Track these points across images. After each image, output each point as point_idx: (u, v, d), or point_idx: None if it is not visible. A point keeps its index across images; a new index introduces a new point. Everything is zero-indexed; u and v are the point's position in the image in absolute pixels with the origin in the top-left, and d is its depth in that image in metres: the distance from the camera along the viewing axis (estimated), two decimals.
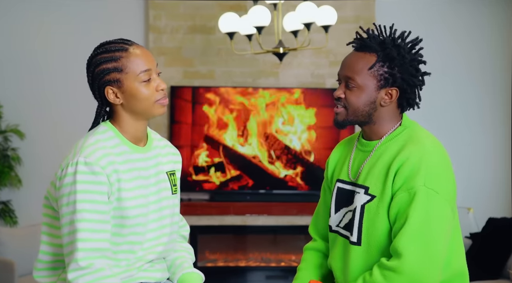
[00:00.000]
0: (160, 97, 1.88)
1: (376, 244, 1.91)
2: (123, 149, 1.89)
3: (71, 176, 1.79)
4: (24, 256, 4.64)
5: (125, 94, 1.87)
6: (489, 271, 4.46)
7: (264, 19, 3.96)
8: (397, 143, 1.94)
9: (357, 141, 2.07)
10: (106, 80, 1.86)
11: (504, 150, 5.59)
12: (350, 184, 2.01)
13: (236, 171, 5.25)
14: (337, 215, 2.04)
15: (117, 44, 1.87)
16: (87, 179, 1.79)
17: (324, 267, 2.16)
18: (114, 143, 1.88)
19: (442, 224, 1.84)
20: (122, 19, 5.40)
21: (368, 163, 1.97)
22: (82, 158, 1.80)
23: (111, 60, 1.85)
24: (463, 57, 5.55)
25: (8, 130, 5.18)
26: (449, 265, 1.91)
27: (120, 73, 1.85)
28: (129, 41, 1.89)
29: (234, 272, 5.33)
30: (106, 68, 1.86)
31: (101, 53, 1.87)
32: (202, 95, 5.21)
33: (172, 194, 1.99)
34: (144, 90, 1.85)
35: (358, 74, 1.92)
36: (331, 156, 2.18)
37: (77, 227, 1.77)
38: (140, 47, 1.89)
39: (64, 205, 1.79)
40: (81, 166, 1.79)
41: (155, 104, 1.88)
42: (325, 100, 5.25)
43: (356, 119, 1.97)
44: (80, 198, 1.78)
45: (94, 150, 1.82)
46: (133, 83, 1.85)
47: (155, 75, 1.88)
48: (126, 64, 1.85)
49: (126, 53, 1.85)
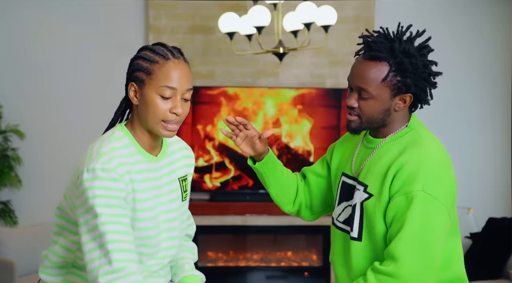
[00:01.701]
0: (170, 119, 1.81)
1: (376, 241, 1.91)
2: (138, 158, 1.84)
3: (89, 181, 1.73)
4: (24, 256, 4.64)
5: (142, 98, 1.81)
6: (489, 271, 4.47)
7: (264, 19, 3.95)
8: (399, 145, 1.93)
9: (364, 136, 2.06)
10: (134, 75, 1.83)
11: (504, 150, 5.58)
12: (352, 179, 2.01)
13: (236, 171, 5.25)
14: (338, 209, 2.05)
15: (165, 50, 1.82)
16: (106, 185, 1.74)
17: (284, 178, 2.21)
18: (130, 152, 1.83)
19: (439, 230, 1.84)
20: (122, 19, 5.40)
21: (369, 160, 1.96)
22: (99, 165, 1.74)
23: (147, 60, 1.81)
24: (463, 57, 5.55)
25: (8, 130, 5.18)
26: (447, 269, 1.91)
27: (147, 76, 1.80)
28: (178, 54, 1.83)
29: (234, 272, 5.33)
30: (139, 64, 1.82)
31: (148, 50, 1.84)
32: (202, 95, 5.21)
33: (182, 201, 1.97)
34: (157, 104, 1.79)
35: (371, 85, 1.89)
36: (338, 144, 2.19)
37: (103, 230, 1.71)
38: (184, 65, 1.82)
39: (84, 212, 1.74)
40: (99, 172, 1.73)
41: (160, 123, 1.81)
42: (325, 100, 5.25)
43: (370, 126, 1.96)
44: (101, 202, 1.72)
45: (111, 159, 1.77)
46: (152, 92, 1.79)
47: (180, 97, 1.80)
48: (156, 71, 1.79)
49: (164, 61, 1.80)
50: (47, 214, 5.29)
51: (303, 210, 2.25)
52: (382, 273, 1.81)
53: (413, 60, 1.88)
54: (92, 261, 1.73)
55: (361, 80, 1.90)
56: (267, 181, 2.18)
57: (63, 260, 1.90)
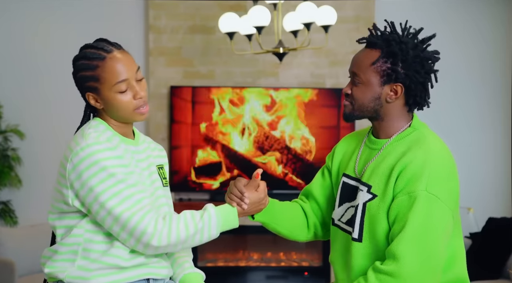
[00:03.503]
0: (139, 105, 1.86)
1: (378, 242, 1.90)
2: (117, 141, 1.88)
3: (88, 158, 1.77)
4: (24, 256, 4.64)
5: (104, 101, 1.86)
6: (489, 270, 4.46)
7: (264, 19, 3.95)
8: (403, 145, 1.93)
9: (366, 137, 2.06)
10: (86, 86, 1.86)
11: (504, 150, 5.58)
12: (355, 180, 2.01)
13: (236, 171, 5.25)
14: (340, 209, 2.04)
15: (96, 50, 1.84)
16: (108, 155, 1.79)
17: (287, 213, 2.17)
18: (108, 136, 1.87)
19: (441, 230, 1.83)
20: (122, 19, 5.40)
21: (374, 161, 1.96)
22: (91, 140, 1.79)
23: (88, 69, 1.83)
24: (463, 57, 5.55)
25: (8, 130, 5.18)
26: (449, 270, 1.90)
27: (96, 82, 1.84)
28: (109, 47, 1.86)
29: (234, 272, 5.33)
30: (84, 75, 1.85)
31: (81, 59, 1.86)
32: (202, 95, 5.20)
33: (164, 186, 2.00)
34: (121, 100, 1.84)
35: (363, 70, 1.93)
36: (339, 146, 2.17)
37: (128, 194, 1.78)
38: (120, 54, 1.86)
39: (97, 185, 1.77)
40: (95, 146, 1.78)
41: (133, 112, 1.86)
42: (325, 100, 5.25)
43: (362, 114, 1.97)
44: (114, 171, 1.78)
45: (97, 135, 1.82)
46: (110, 92, 1.83)
47: (134, 82, 1.85)
48: (101, 74, 1.83)
49: (103, 62, 1.83)
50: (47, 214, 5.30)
51: (319, 230, 2.21)
52: (383, 273, 1.81)
53: (403, 46, 1.90)
54: (115, 231, 1.80)
55: (354, 65, 1.96)
56: (275, 227, 2.17)
57: (72, 248, 1.87)
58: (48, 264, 1.89)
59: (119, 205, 1.77)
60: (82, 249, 1.84)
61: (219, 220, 1.87)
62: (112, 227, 1.80)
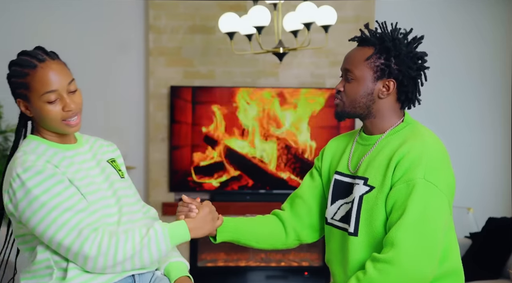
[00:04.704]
0: (67, 117, 1.85)
1: (375, 235, 1.91)
2: (54, 150, 1.88)
3: (20, 189, 1.76)
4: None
5: (33, 110, 1.86)
6: (489, 271, 4.46)
7: (264, 19, 3.95)
8: (399, 137, 1.95)
9: (357, 136, 2.08)
10: (17, 93, 1.87)
11: (504, 150, 5.58)
12: (349, 177, 2.02)
13: (236, 171, 5.25)
14: (333, 207, 2.05)
15: (29, 58, 1.83)
16: (38, 180, 1.76)
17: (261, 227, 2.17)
18: (43, 149, 1.87)
19: (439, 218, 1.84)
20: (122, 19, 5.40)
21: (369, 156, 1.98)
22: (19, 168, 1.77)
23: (19, 76, 1.83)
24: (463, 57, 5.55)
25: (8, 130, 5.18)
26: (444, 261, 1.91)
27: (26, 90, 1.83)
28: (43, 56, 1.84)
29: (234, 272, 5.33)
30: (15, 82, 1.85)
31: (15, 65, 1.86)
32: (202, 95, 5.20)
33: (121, 177, 2.00)
34: (49, 110, 1.83)
35: (356, 66, 1.96)
36: (328, 147, 2.19)
37: (63, 220, 1.75)
38: (53, 64, 1.84)
39: (32, 216, 1.76)
40: (23, 175, 1.76)
41: (62, 123, 1.85)
42: (325, 100, 5.25)
43: (354, 111, 1.98)
44: (45, 199, 1.75)
45: (25, 159, 1.80)
46: (39, 102, 1.83)
47: (65, 94, 1.84)
48: (31, 83, 1.82)
49: (33, 71, 1.82)
50: None
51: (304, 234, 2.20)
52: (381, 261, 1.81)
53: (396, 42, 1.94)
54: (68, 256, 1.79)
55: (347, 62, 2.00)
56: (245, 241, 2.15)
57: (45, 264, 1.88)
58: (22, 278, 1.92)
59: (57, 233, 1.77)
60: (54, 261, 1.85)
61: (165, 234, 1.85)
62: (59, 250, 1.80)
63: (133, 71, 5.43)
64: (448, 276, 1.94)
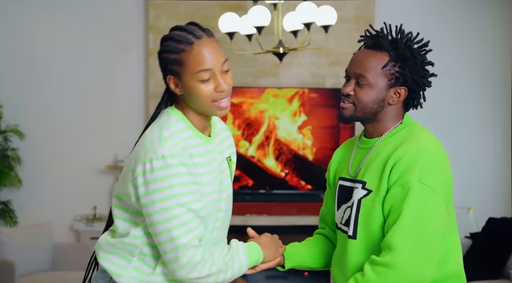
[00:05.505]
0: (218, 98, 1.78)
1: (373, 238, 1.91)
2: (196, 141, 1.81)
3: (161, 170, 1.70)
4: (24, 256, 4.64)
5: (184, 88, 1.78)
6: (489, 270, 4.47)
7: (264, 19, 3.95)
8: (396, 140, 1.95)
9: (358, 140, 2.08)
10: (168, 69, 1.78)
11: (504, 150, 5.59)
12: (350, 181, 2.02)
13: (236, 171, 5.25)
14: (339, 212, 2.06)
15: (185, 34, 1.76)
16: (181, 171, 1.71)
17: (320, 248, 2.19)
18: (188, 135, 1.80)
19: (435, 220, 1.84)
20: (122, 19, 5.40)
21: (367, 159, 1.98)
22: (167, 151, 1.71)
23: (174, 52, 1.76)
24: (463, 57, 5.55)
25: (8, 130, 5.18)
26: (445, 264, 1.91)
27: (179, 67, 1.76)
28: (199, 33, 1.77)
29: None
30: (168, 57, 1.77)
31: (169, 39, 1.78)
32: None
33: (231, 181, 1.97)
34: (201, 89, 1.76)
35: (370, 72, 1.92)
36: (333, 158, 2.20)
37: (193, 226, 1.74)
38: (209, 42, 1.77)
39: (158, 201, 1.71)
40: (170, 159, 1.71)
41: (212, 105, 1.78)
42: (325, 100, 5.25)
43: (363, 116, 1.97)
44: (180, 191, 1.71)
45: (174, 144, 1.74)
46: (191, 80, 1.75)
47: (218, 74, 1.78)
48: (186, 60, 1.75)
49: (190, 47, 1.75)
50: (47, 214, 5.30)
51: None
52: (379, 264, 1.81)
53: (414, 52, 1.92)
54: (165, 253, 1.75)
55: (361, 66, 1.93)
56: (309, 265, 2.19)
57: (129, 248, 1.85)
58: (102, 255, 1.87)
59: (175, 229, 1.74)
60: (139, 252, 1.83)
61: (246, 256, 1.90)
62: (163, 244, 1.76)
63: (133, 71, 5.43)
64: (449, 279, 1.93)
